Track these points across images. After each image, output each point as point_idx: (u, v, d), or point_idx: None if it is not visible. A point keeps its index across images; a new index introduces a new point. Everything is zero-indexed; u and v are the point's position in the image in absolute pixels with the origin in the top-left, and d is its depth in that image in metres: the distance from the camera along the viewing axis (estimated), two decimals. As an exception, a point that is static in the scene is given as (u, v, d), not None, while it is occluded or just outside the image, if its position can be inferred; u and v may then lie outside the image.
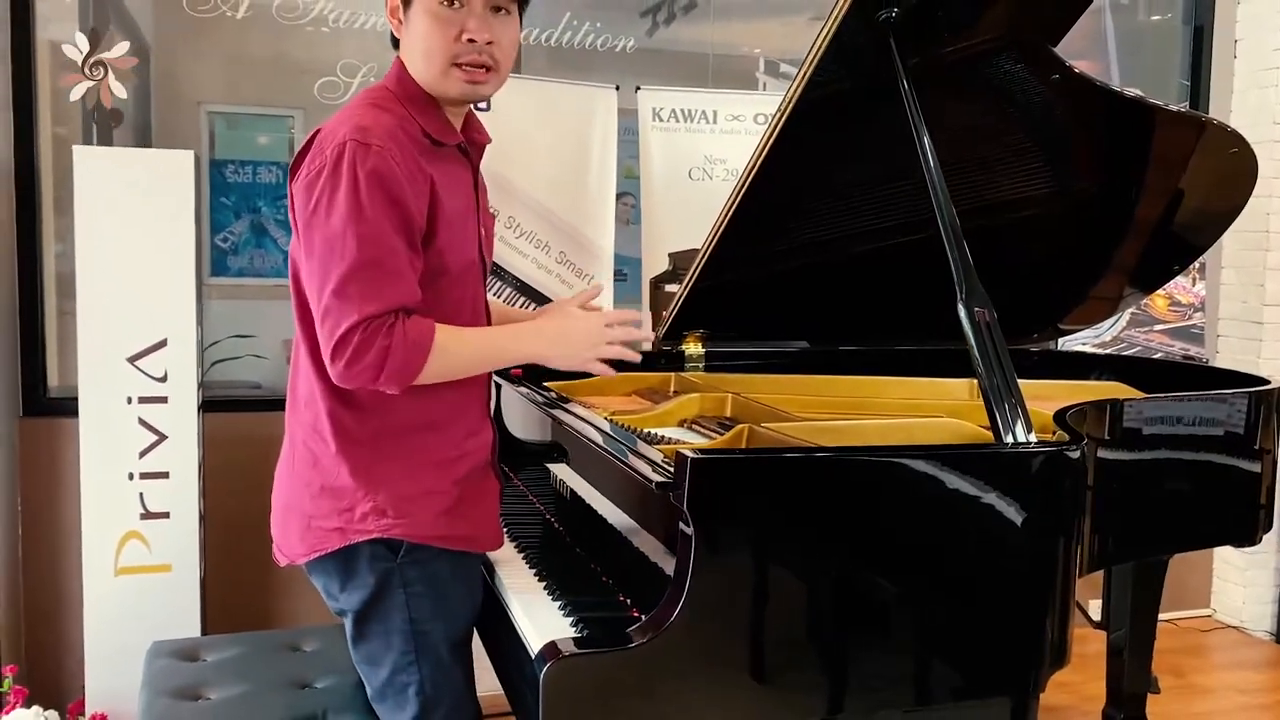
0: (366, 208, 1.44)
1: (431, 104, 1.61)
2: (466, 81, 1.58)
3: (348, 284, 1.43)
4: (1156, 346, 3.58)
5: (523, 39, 3.20)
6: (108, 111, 2.77)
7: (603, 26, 3.28)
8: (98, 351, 2.51)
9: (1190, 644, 3.62)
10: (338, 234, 1.45)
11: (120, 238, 2.49)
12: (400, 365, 1.45)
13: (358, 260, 1.44)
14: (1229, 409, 2.09)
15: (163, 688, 1.76)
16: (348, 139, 1.46)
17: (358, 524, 1.55)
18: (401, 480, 1.57)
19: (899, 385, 2.38)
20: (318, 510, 1.57)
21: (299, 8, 3.03)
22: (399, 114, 1.56)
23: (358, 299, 1.43)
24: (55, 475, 2.78)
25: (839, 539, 1.39)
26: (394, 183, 1.47)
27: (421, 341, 1.47)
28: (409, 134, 1.54)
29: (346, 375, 1.45)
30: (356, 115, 1.52)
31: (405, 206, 1.48)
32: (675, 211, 3.07)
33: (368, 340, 1.43)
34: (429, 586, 1.58)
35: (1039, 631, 1.48)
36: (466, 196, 1.65)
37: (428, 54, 1.57)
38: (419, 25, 1.57)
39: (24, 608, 2.79)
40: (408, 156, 1.50)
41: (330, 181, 1.46)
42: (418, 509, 1.56)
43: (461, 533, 1.60)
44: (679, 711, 1.31)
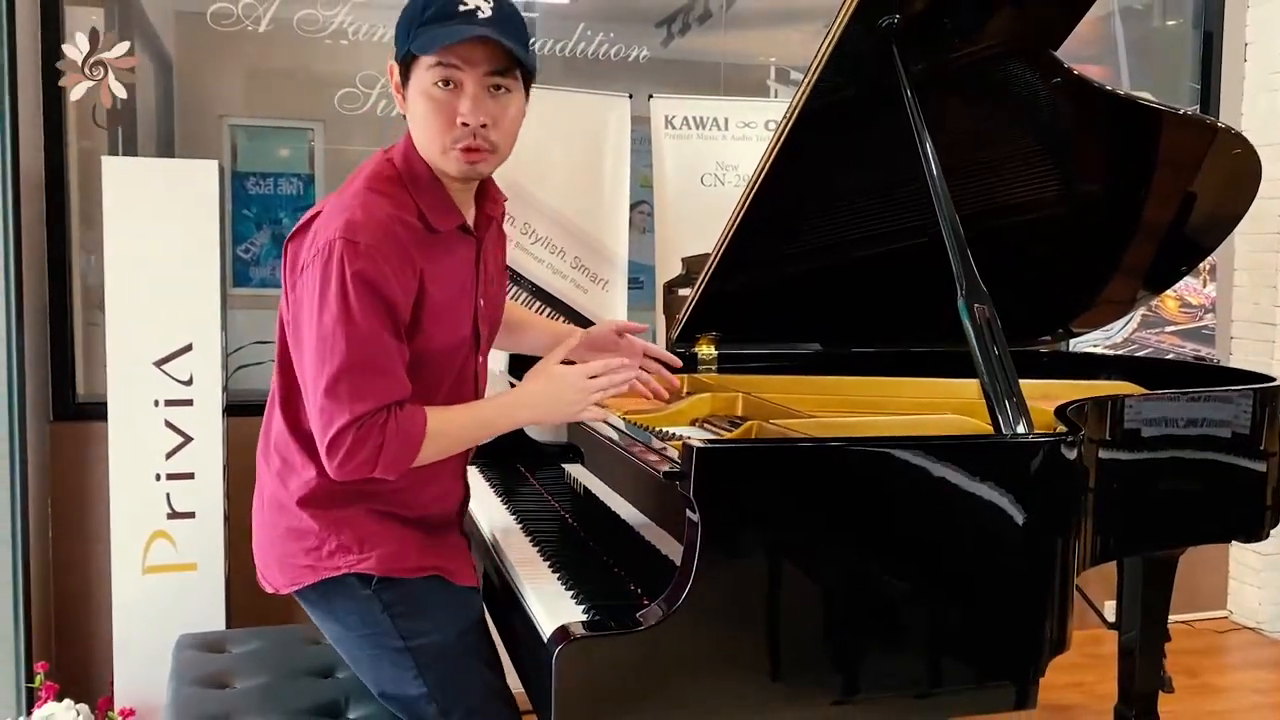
0: (355, 308, 1.46)
1: (435, 184, 1.61)
2: (465, 161, 1.56)
3: (338, 383, 1.46)
4: (1168, 348, 3.60)
5: (538, 49, 3.29)
6: (107, 111, 2.83)
7: (616, 37, 3.34)
8: (126, 356, 2.58)
9: (1206, 645, 3.62)
10: (328, 333, 1.47)
11: (147, 245, 2.56)
12: (394, 458, 1.49)
13: (346, 360, 1.46)
14: (1234, 407, 2.11)
15: (189, 677, 1.81)
16: (338, 237, 1.47)
17: (326, 561, 1.60)
18: (365, 521, 1.61)
19: (908, 385, 2.41)
20: (287, 550, 1.63)
21: (319, 20, 3.10)
22: (397, 199, 1.57)
23: (348, 399, 1.46)
24: (84, 478, 2.84)
25: (842, 527, 1.43)
26: (381, 282, 1.48)
27: (414, 433, 1.50)
28: (404, 222, 1.55)
29: (343, 472, 1.49)
30: (353, 204, 1.52)
31: (392, 303, 1.50)
32: (688, 217, 3.11)
33: (361, 439, 1.47)
34: (413, 604, 1.61)
35: (1040, 618, 1.51)
36: (463, 278, 1.66)
37: (426, 135, 1.57)
38: (416, 107, 1.56)
39: (55, 606, 2.86)
40: (398, 251, 1.51)
41: (321, 279, 1.48)
42: (383, 544, 1.61)
43: (431, 563, 1.64)
44: (688, 693, 1.36)
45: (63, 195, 2.90)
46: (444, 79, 1.52)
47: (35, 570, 2.73)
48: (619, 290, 3.11)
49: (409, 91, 1.57)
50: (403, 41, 1.56)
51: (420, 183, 1.60)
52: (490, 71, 1.53)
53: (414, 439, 1.50)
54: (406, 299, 1.53)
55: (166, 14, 3.19)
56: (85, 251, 2.97)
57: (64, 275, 2.91)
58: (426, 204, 1.59)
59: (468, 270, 1.67)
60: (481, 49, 1.52)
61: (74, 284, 2.94)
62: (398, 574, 1.60)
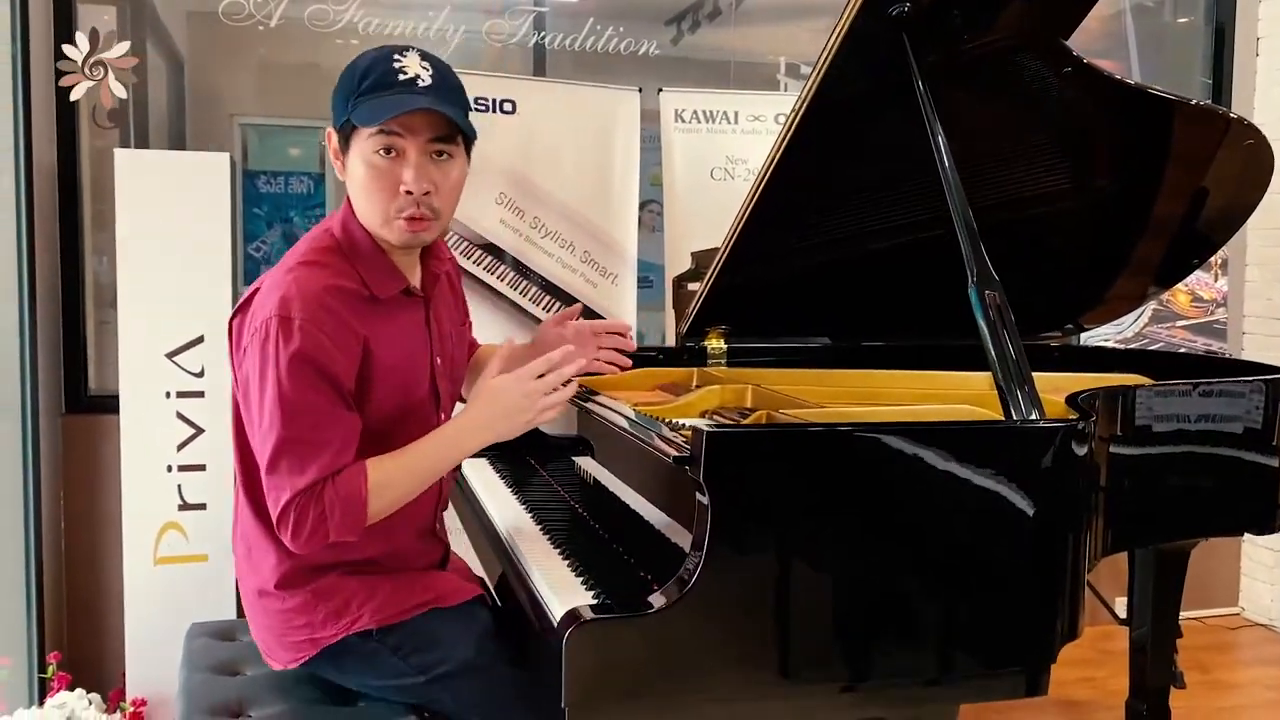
0: (289, 385, 1.47)
1: (376, 251, 1.60)
2: (408, 231, 1.56)
3: (278, 460, 1.48)
4: (1179, 342, 3.58)
5: (547, 44, 3.30)
6: (107, 111, 2.84)
7: (625, 31, 3.34)
8: (137, 348, 2.59)
9: (1218, 641, 3.60)
10: (266, 412, 1.49)
11: (159, 237, 2.58)
12: (342, 522, 1.49)
13: (282, 438, 1.48)
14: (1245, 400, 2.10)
15: (201, 664, 1.82)
16: (273, 315, 1.49)
17: (321, 631, 1.61)
18: (346, 584, 1.62)
19: (918, 378, 2.40)
20: (282, 630, 1.64)
21: (329, 16, 3.11)
22: (336, 268, 1.56)
23: (287, 474, 1.48)
24: (96, 469, 2.86)
25: (851, 512, 1.43)
26: (318, 355, 1.48)
27: (355, 494, 1.49)
28: (343, 291, 1.55)
29: (298, 545, 1.50)
30: (287, 280, 1.52)
31: (332, 375, 1.50)
32: (698, 211, 3.12)
33: (302, 513, 1.48)
34: (420, 640, 1.62)
35: (1052, 604, 1.50)
36: (413, 340, 1.66)
37: (368, 204, 1.56)
38: (358, 174, 1.55)
39: (67, 597, 2.87)
40: (335, 321, 1.51)
41: (260, 359, 1.50)
42: (371, 598, 1.62)
43: (423, 599, 1.65)
44: (697, 677, 1.36)
45: (75, 191, 2.91)
46: (386, 147, 1.52)
47: (47, 561, 2.75)
48: (628, 285, 3.11)
49: (349, 159, 1.57)
50: (341, 111, 1.55)
51: (360, 251, 1.59)
52: (433, 139, 1.54)
53: (356, 500, 1.50)
54: (350, 367, 1.53)
55: (178, 13, 3.20)
56: (97, 254, 2.99)
57: (76, 269, 2.92)
58: (367, 272, 1.59)
59: (418, 332, 1.67)
60: (424, 117, 1.52)
61: (86, 278, 2.96)
62: (395, 619, 1.62)
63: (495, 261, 2.99)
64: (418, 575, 1.70)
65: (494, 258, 2.99)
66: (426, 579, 1.70)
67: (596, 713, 1.34)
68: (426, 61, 1.54)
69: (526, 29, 3.29)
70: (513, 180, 2.98)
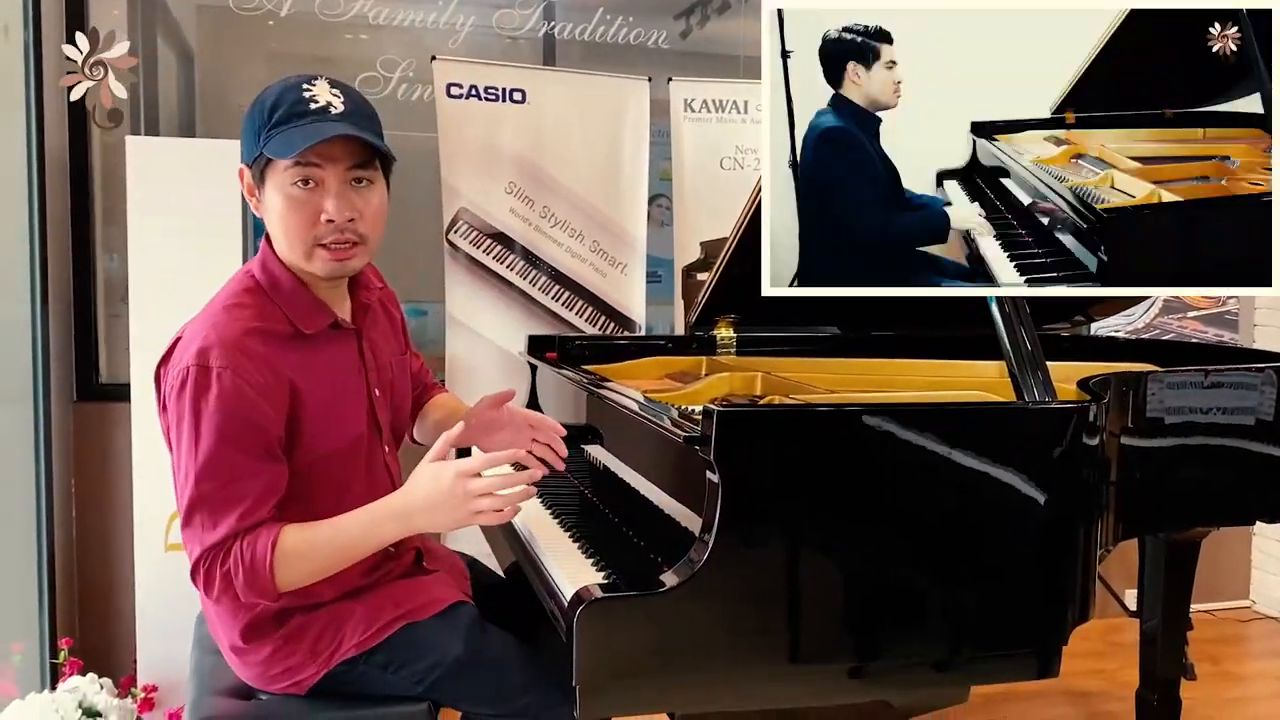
0: (204, 439, 1.44)
1: (298, 288, 1.57)
2: (333, 260, 1.53)
3: (192, 515, 1.46)
4: (1190, 333, 3.57)
5: (556, 33, 3.30)
6: (107, 111, 2.85)
7: (635, 22, 3.34)
8: (150, 335, 2.59)
9: (1228, 634, 3.59)
10: (183, 465, 1.47)
11: (170, 224, 2.58)
12: (246, 584, 1.45)
13: (195, 494, 1.45)
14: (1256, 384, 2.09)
15: (211, 646, 1.82)
16: (191, 364, 1.45)
17: (302, 673, 1.58)
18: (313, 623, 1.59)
19: (929, 366, 2.40)
20: (268, 677, 1.61)
21: (339, 6, 3.12)
22: (259, 309, 1.54)
23: (199, 529, 1.46)
24: (107, 457, 2.87)
25: (861, 492, 1.43)
26: (238, 404, 1.45)
27: (259, 559, 1.44)
28: (266, 333, 1.52)
29: (211, 598, 1.50)
30: (206, 327, 1.49)
31: (255, 423, 1.46)
32: (707, 201, 3.12)
33: (210, 570, 1.46)
34: (406, 652, 1.59)
35: (1063, 586, 1.50)
36: (346, 375, 1.62)
37: (288, 237, 1.52)
38: (276, 208, 1.51)
39: (78, 583, 2.89)
40: (257, 367, 1.48)
41: (176, 410, 1.48)
42: (341, 628, 1.59)
43: (397, 613, 1.61)
44: (707, 657, 1.36)
45: (87, 182, 2.92)
46: (304, 178, 1.49)
47: (59, 548, 2.76)
48: (637, 275, 3.11)
49: (265, 195, 1.53)
50: (252, 146, 1.52)
51: (282, 289, 1.56)
52: (351, 165, 1.51)
53: (261, 565, 1.44)
54: (276, 413, 1.49)
55: (189, 6, 3.21)
56: (108, 250, 3.00)
57: (88, 258, 2.93)
58: (291, 309, 1.56)
59: (351, 365, 1.64)
60: (341, 145, 1.49)
61: (97, 268, 2.97)
62: (375, 640, 1.59)
63: (505, 251, 2.99)
64: (389, 589, 1.65)
65: (504, 247, 2.99)
66: (399, 592, 1.65)
67: (606, 691, 1.34)
68: (336, 89, 1.52)
69: (536, 19, 3.29)
70: (522, 170, 2.99)
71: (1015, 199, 1.71)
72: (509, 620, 1.71)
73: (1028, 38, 1.70)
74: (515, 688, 1.59)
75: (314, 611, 1.60)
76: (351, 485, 1.61)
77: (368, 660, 1.59)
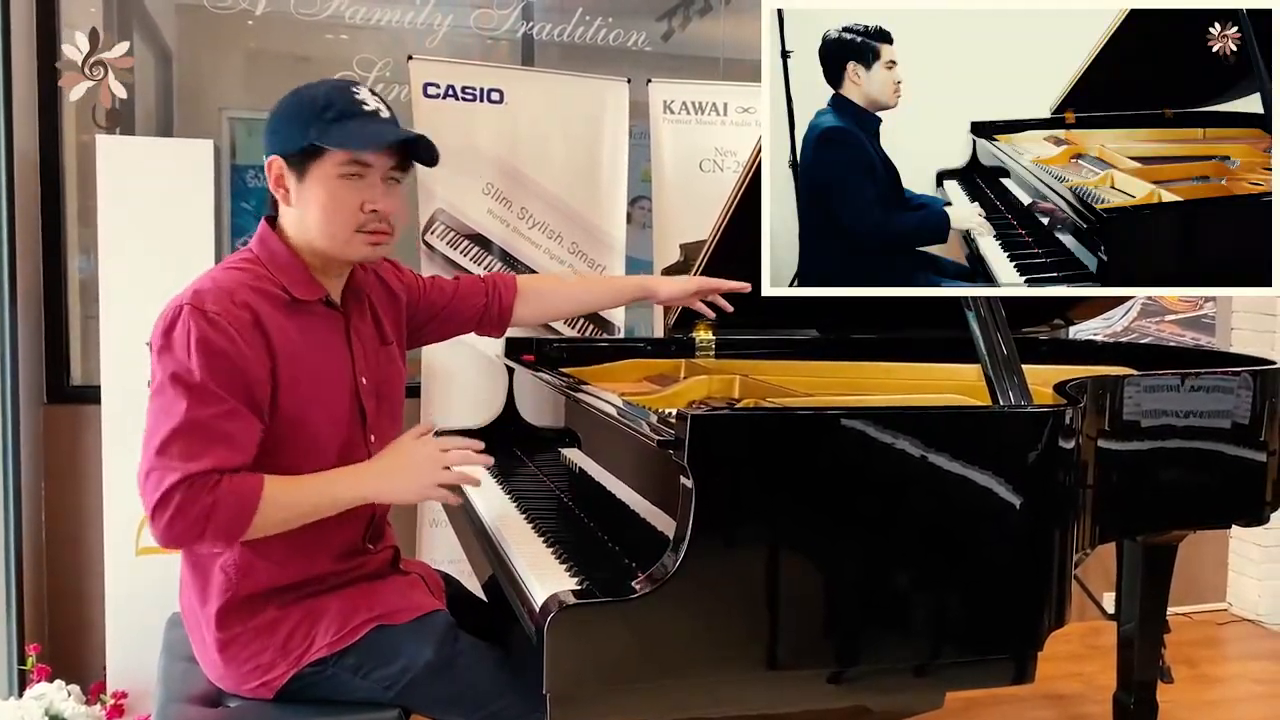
0: (196, 371, 1.45)
1: (295, 262, 1.62)
2: (369, 244, 1.62)
3: (171, 443, 1.42)
4: (1168, 336, 3.59)
5: (535, 34, 3.28)
6: (106, 111, 2.82)
7: (614, 23, 3.33)
8: (120, 337, 2.56)
9: (1205, 636, 3.61)
10: (168, 396, 1.45)
11: (143, 224, 2.55)
12: (225, 521, 1.43)
13: (184, 421, 1.43)
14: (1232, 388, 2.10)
15: (180, 653, 1.80)
16: (185, 303, 1.49)
17: (273, 673, 1.58)
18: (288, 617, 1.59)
19: (907, 369, 2.40)
20: (233, 675, 1.60)
21: (316, 4, 3.09)
22: (254, 273, 1.59)
23: (180, 457, 1.42)
24: (78, 460, 2.83)
25: (836, 496, 1.42)
26: (229, 349, 1.47)
27: (248, 495, 1.44)
28: (261, 291, 1.56)
29: (169, 535, 1.42)
30: (203, 278, 1.55)
31: (241, 370, 1.48)
32: (686, 203, 3.10)
33: (190, 498, 1.41)
34: (376, 657, 1.59)
35: (1039, 591, 1.49)
36: (332, 353, 1.65)
37: (330, 223, 1.59)
38: (318, 195, 1.58)
39: (47, 588, 2.84)
40: (249, 321, 1.51)
41: (164, 346, 1.48)
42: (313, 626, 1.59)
43: (369, 616, 1.60)
44: (681, 663, 1.35)
45: (58, 182, 2.88)
46: (355, 172, 1.58)
47: (28, 552, 2.72)
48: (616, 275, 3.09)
49: (306, 182, 1.59)
50: (297, 138, 1.57)
51: (278, 260, 1.62)
52: (393, 166, 1.63)
53: (247, 503, 1.44)
54: (260, 370, 1.52)
55: (167, 6, 3.18)
56: (82, 251, 2.96)
57: (59, 258, 2.89)
58: (285, 276, 1.61)
59: (337, 345, 1.67)
60: (390, 146, 1.61)
61: (69, 268, 2.93)
62: (347, 641, 1.58)
63: (482, 252, 2.97)
64: (363, 590, 1.65)
65: (481, 248, 2.97)
66: (373, 594, 1.65)
67: (578, 699, 1.33)
68: (375, 95, 1.63)
69: (514, 19, 3.27)
70: (500, 170, 2.96)
71: (1015, 199, 1.71)
72: (483, 632, 1.70)
73: (1027, 38, 1.70)
74: (486, 695, 1.58)
75: (288, 607, 1.60)
76: (326, 463, 1.60)
77: (338, 662, 1.58)
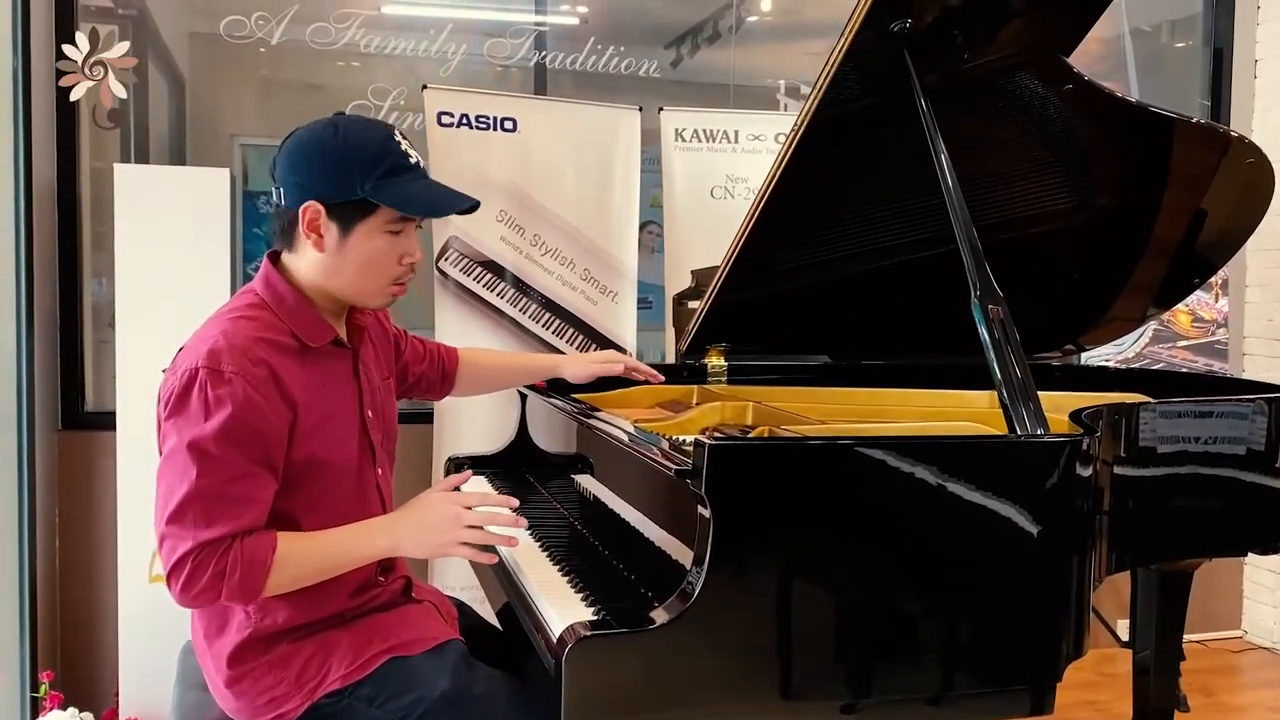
0: (212, 439, 1.43)
1: (304, 306, 1.60)
2: (397, 294, 1.65)
3: (185, 511, 1.42)
4: (1180, 362, 3.58)
5: (548, 63, 3.31)
6: (107, 112, 2.84)
7: (626, 52, 3.36)
8: (135, 364, 2.58)
9: (1221, 664, 3.58)
10: (182, 460, 1.44)
11: (158, 252, 2.58)
12: (240, 584, 1.44)
13: (197, 487, 1.42)
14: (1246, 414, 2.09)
15: (194, 681, 1.79)
16: (199, 366, 1.46)
17: (287, 704, 1.56)
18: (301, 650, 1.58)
19: (920, 396, 2.40)
20: (248, 708, 1.59)
21: (330, 34, 3.12)
22: (264, 321, 1.56)
23: (193, 525, 1.42)
24: (92, 487, 2.84)
25: (854, 527, 1.41)
26: (246, 409, 1.45)
27: (260, 559, 1.44)
28: (273, 343, 1.54)
29: (185, 599, 1.44)
30: (215, 333, 1.51)
31: (259, 432, 1.47)
32: (698, 230, 3.12)
33: (200, 566, 1.42)
34: (391, 687, 1.57)
35: (1057, 622, 1.48)
36: (343, 392, 1.65)
37: (371, 278, 1.60)
38: (362, 249, 1.57)
39: (60, 614, 2.85)
40: (266, 375, 1.50)
41: (178, 406, 1.46)
42: (328, 658, 1.58)
43: (384, 647, 1.59)
44: (698, 693, 1.34)
45: (74, 207, 2.91)
46: (400, 229, 1.60)
47: (41, 578, 2.72)
48: (628, 302, 3.11)
49: (353, 235, 1.57)
50: (349, 186, 1.54)
51: (286, 305, 1.59)
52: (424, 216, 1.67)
53: (261, 565, 1.45)
54: (279, 424, 1.50)
55: (181, 33, 3.21)
56: (96, 276, 2.98)
57: (75, 285, 2.92)
58: (296, 323, 1.59)
59: (347, 384, 1.66)
60: None
61: (84, 295, 2.95)
62: (362, 673, 1.57)
63: (495, 279, 2.99)
64: (377, 620, 1.65)
65: (494, 275, 2.98)
66: (387, 625, 1.64)
67: (596, 730, 1.32)
68: (407, 140, 1.62)
69: (527, 49, 3.30)
70: (513, 198, 2.98)
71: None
72: (498, 661, 1.69)
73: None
74: None
75: (302, 640, 1.59)
76: (341, 506, 1.61)
77: (353, 694, 1.57)
